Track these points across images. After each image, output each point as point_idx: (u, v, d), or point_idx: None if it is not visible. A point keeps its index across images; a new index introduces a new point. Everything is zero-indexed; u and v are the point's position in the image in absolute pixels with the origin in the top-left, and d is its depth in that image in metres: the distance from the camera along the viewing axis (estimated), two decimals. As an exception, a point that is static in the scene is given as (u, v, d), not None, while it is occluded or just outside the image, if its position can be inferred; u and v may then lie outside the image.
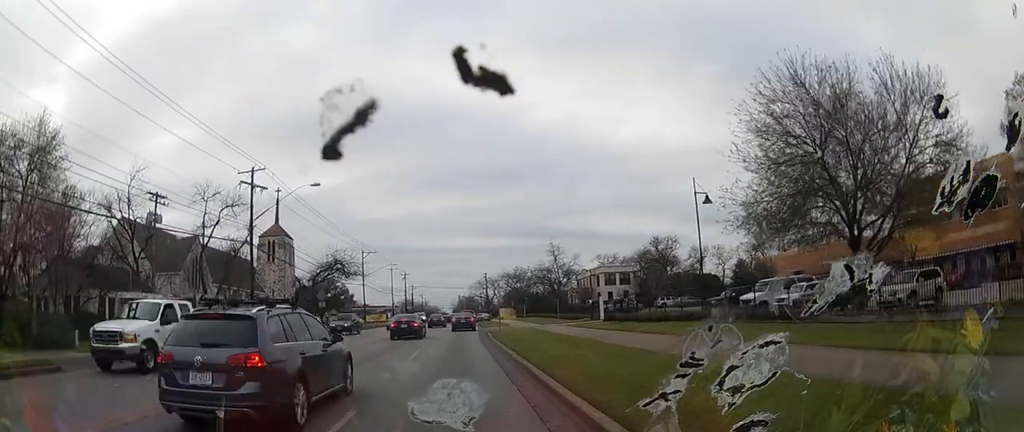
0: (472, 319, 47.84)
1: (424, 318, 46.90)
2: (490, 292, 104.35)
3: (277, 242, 71.68)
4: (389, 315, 74.78)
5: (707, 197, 35.87)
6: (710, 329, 2.42)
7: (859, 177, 28.12)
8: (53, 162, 34.34)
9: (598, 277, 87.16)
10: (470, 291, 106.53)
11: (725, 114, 41.19)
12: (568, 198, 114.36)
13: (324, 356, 11.14)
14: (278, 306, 10.93)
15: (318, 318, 17.06)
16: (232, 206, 45.33)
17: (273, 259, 71.80)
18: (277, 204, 62.09)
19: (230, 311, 10.19)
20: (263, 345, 9.02)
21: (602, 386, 10.58)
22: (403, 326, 37.48)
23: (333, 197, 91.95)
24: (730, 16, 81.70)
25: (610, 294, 78.09)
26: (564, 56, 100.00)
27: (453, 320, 49.33)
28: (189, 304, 23.11)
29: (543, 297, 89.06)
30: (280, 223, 65.63)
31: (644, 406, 2.48)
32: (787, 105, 28.26)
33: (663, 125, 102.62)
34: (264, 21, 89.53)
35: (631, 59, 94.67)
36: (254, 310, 9.80)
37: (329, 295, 71.46)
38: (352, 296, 79.50)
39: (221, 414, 7.42)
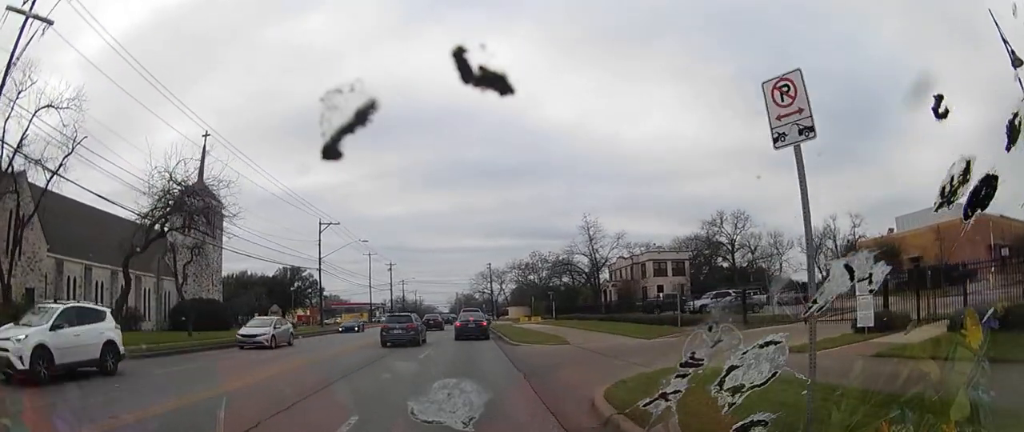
0: (484, 323, 39.76)
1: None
2: (495, 287, 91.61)
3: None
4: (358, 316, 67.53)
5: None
6: None
7: None
8: None
9: (643, 265, 73.48)
10: (470, 287, 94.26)
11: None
12: (576, 198, 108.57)
13: (424, 327, 37.21)
14: (412, 314, 39.78)
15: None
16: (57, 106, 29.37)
17: (190, 230, 45.98)
18: (203, 151, 42.21)
19: (404, 312, 41.32)
20: (415, 322, 34.20)
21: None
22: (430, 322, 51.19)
23: (336, 194, 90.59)
24: (742, 15, 79.25)
25: (660, 287, 66.30)
26: (577, 53, 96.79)
27: (458, 324, 40.25)
28: None
29: (571, 292, 73.05)
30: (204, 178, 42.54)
31: (644, 406, 2.51)
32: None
33: (675, 125, 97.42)
34: (274, 14, 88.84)
35: (643, 58, 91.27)
36: (411, 314, 38.91)
37: (295, 287, 63.48)
38: (323, 291, 70.85)
39: (406, 339, 30.75)
